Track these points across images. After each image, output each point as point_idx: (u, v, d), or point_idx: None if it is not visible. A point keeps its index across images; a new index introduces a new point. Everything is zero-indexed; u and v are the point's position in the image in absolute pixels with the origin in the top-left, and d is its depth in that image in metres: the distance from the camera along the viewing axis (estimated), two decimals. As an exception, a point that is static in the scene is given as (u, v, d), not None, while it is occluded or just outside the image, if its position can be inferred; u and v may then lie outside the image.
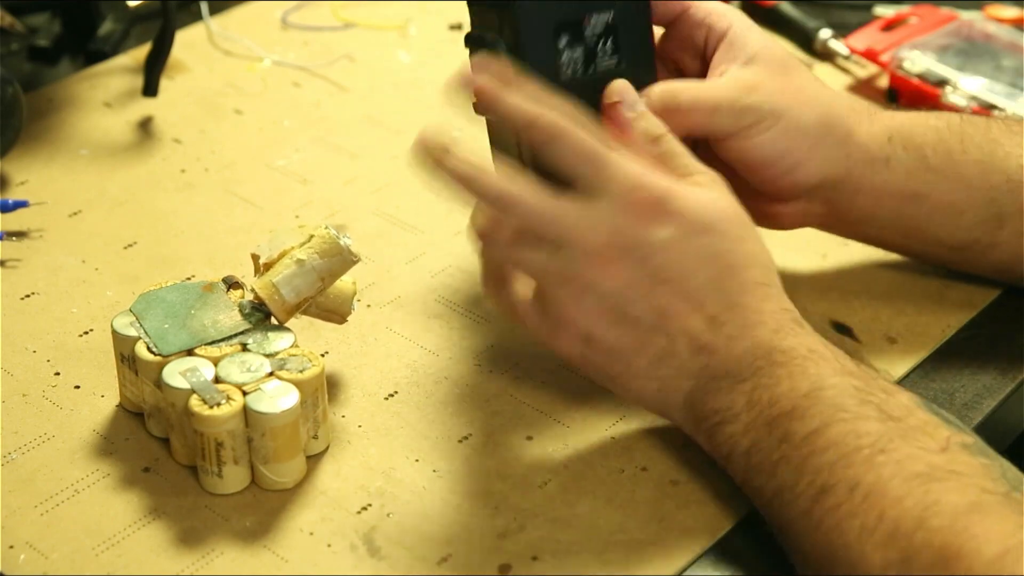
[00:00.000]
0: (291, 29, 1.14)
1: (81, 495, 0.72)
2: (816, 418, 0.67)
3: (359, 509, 0.72)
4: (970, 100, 1.00)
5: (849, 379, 0.69)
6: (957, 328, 0.84)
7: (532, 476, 0.73)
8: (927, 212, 0.82)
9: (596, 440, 0.76)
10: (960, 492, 0.62)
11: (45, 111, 1.03)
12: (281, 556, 0.69)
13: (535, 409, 0.78)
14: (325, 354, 0.81)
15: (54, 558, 0.69)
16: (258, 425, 0.70)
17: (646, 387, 0.73)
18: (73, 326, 0.83)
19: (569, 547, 0.70)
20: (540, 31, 0.76)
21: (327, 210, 0.93)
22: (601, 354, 0.72)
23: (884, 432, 0.65)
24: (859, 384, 0.68)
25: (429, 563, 0.69)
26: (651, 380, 0.72)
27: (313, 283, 0.75)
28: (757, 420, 0.69)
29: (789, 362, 0.69)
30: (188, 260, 0.88)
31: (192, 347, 0.73)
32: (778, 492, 0.67)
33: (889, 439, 0.65)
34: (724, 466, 0.71)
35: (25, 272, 0.87)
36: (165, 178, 0.96)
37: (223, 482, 0.71)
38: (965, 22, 1.09)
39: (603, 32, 0.78)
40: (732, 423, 0.70)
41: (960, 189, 0.81)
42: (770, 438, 0.68)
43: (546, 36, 0.76)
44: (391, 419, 0.77)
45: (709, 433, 0.71)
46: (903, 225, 0.83)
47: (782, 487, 0.67)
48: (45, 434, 0.76)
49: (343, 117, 1.03)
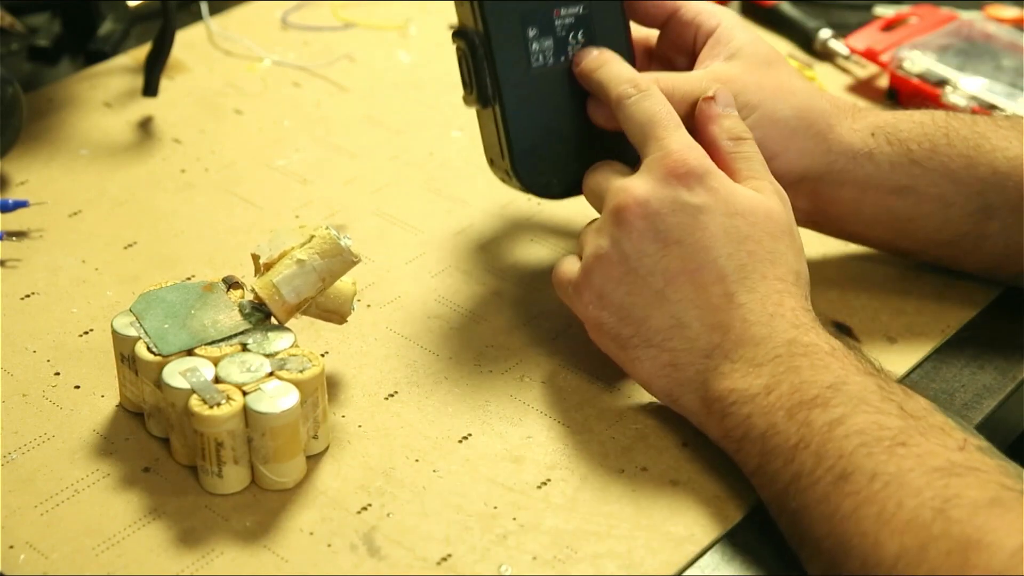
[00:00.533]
0: (291, 29, 1.14)
1: (81, 495, 0.72)
2: (839, 408, 0.67)
3: (359, 509, 0.72)
4: (970, 100, 1.00)
5: (870, 378, 0.69)
6: (957, 328, 0.84)
7: (532, 476, 0.74)
8: (914, 205, 0.82)
9: (596, 441, 0.76)
10: (980, 488, 0.62)
11: (45, 111, 1.03)
12: (281, 556, 0.69)
13: (535, 409, 0.78)
14: (325, 354, 0.81)
15: (54, 558, 0.69)
16: (258, 425, 0.70)
17: (657, 359, 0.73)
18: (73, 326, 0.83)
19: (569, 547, 0.70)
20: (508, 21, 0.80)
21: (327, 210, 0.93)
22: (612, 314, 0.74)
23: (905, 427, 0.66)
24: (881, 383, 0.69)
25: (429, 563, 0.69)
26: (662, 352, 0.73)
27: (313, 283, 0.75)
28: (776, 404, 0.69)
29: (811, 355, 0.70)
30: (188, 260, 0.88)
31: (192, 347, 0.73)
32: (795, 478, 0.67)
33: (909, 434, 0.65)
34: (734, 451, 0.71)
35: (25, 272, 0.87)
36: (165, 178, 0.96)
37: (223, 482, 0.71)
38: (965, 22, 1.09)
39: (575, 24, 0.81)
40: (748, 404, 0.70)
41: (946, 182, 0.81)
42: (790, 422, 0.68)
43: (514, 25, 0.80)
44: (391, 419, 0.77)
45: (721, 415, 0.71)
46: (891, 220, 0.83)
47: (800, 472, 0.67)
48: (45, 434, 0.76)
49: (343, 117, 1.03)
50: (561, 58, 0.81)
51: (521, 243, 0.90)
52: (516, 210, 0.93)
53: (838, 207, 0.83)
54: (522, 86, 0.80)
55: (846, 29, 1.12)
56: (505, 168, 0.82)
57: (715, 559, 0.70)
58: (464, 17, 0.81)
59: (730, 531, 0.71)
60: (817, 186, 0.82)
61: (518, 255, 0.89)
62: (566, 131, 0.82)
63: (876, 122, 0.83)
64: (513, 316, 0.84)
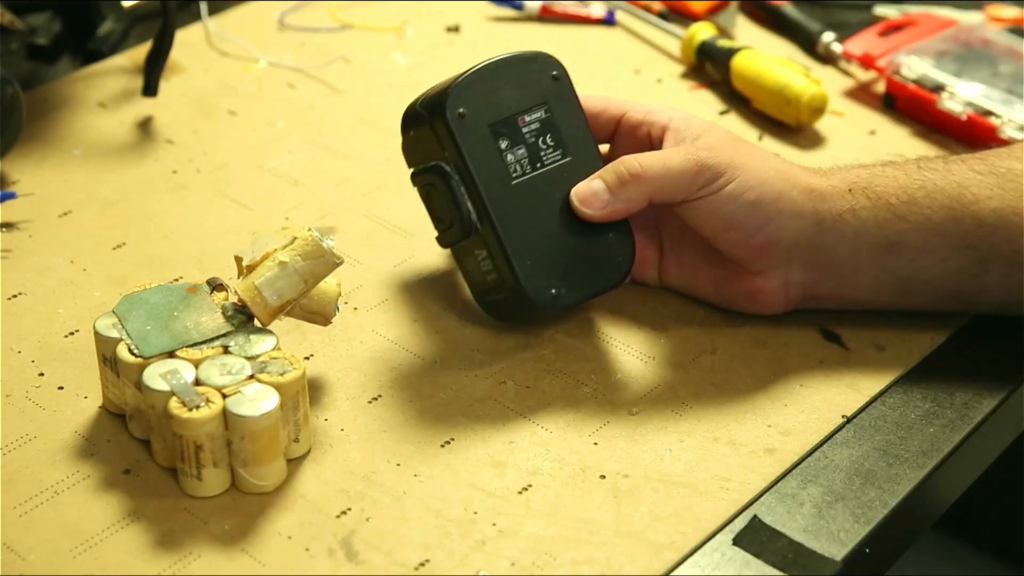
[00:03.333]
0: (288, 30, 1.14)
1: (61, 496, 0.72)
2: None
3: (339, 513, 0.71)
4: (966, 106, 1.00)
5: None
6: (946, 337, 0.83)
7: (513, 482, 0.73)
8: (908, 262, 0.81)
9: (578, 446, 0.75)
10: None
11: (40, 111, 1.03)
12: (259, 560, 0.69)
13: (518, 414, 0.77)
14: (310, 357, 0.81)
15: (31, 559, 0.69)
16: (237, 428, 0.70)
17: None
18: (59, 327, 0.83)
19: (547, 553, 0.69)
20: (478, 137, 0.79)
21: (318, 212, 0.93)
22: None
23: None
24: None
25: (407, 568, 0.69)
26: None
27: (296, 285, 0.75)
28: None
29: None
30: (177, 261, 0.88)
31: (174, 349, 0.73)
32: None
33: None
34: None
35: (13, 272, 0.87)
36: (157, 179, 0.96)
37: (202, 485, 0.71)
38: (963, 27, 1.08)
39: (540, 129, 0.81)
40: None
41: (933, 236, 0.80)
42: None
43: (485, 141, 0.79)
44: (374, 423, 0.77)
45: None
46: (891, 281, 0.81)
47: None
48: (27, 435, 0.75)
49: (337, 119, 1.03)
50: (537, 165, 0.80)
51: (511, 247, 0.90)
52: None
53: (834, 272, 0.81)
54: (507, 201, 0.79)
55: (847, 29, 1.11)
56: (507, 291, 0.80)
57: (715, 559, 0.70)
58: (424, 153, 0.81)
59: (714, 533, 0.71)
60: (810, 253, 0.81)
61: (507, 259, 0.89)
62: (557, 237, 0.80)
63: (849, 178, 0.82)
64: (499, 321, 0.84)
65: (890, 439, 0.77)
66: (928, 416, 0.78)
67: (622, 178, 0.80)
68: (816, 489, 0.74)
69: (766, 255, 0.80)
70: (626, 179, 0.80)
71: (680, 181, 0.79)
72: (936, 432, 0.77)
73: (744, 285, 0.82)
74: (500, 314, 0.82)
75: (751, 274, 0.82)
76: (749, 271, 0.82)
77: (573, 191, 0.81)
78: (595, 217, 0.80)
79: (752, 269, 0.81)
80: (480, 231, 0.79)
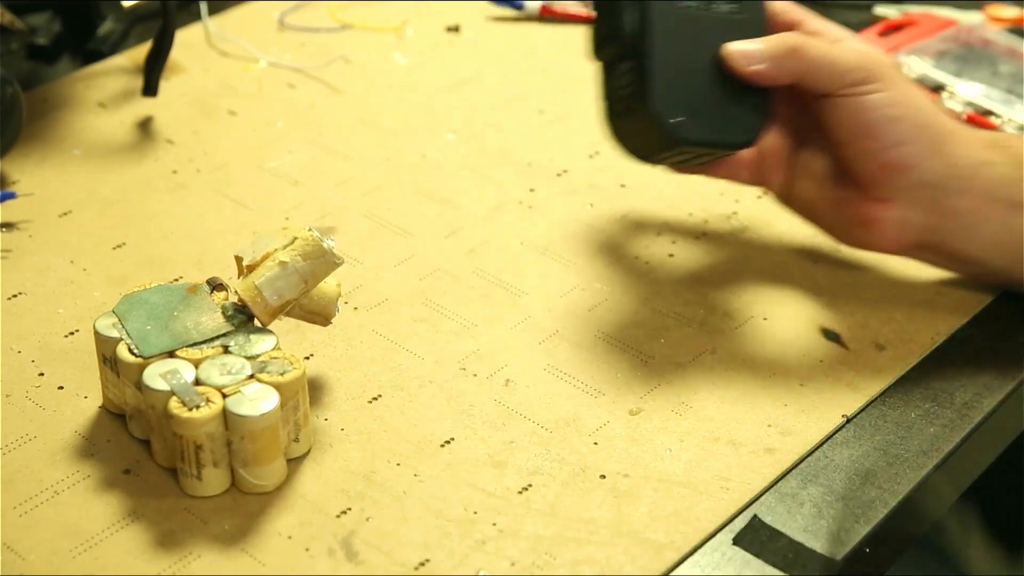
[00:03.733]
0: (288, 30, 1.14)
1: (61, 496, 0.72)
2: None
3: (338, 513, 0.71)
4: (966, 106, 1.00)
5: None
6: (947, 335, 0.83)
7: (513, 482, 0.73)
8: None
9: (579, 446, 0.75)
10: None
11: (40, 111, 1.03)
12: (259, 560, 0.69)
13: (518, 414, 0.77)
14: (310, 357, 0.81)
15: (31, 559, 0.69)
16: (237, 428, 0.70)
17: None
18: (59, 327, 0.83)
19: (547, 553, 0.69)
20: None
21: (318, 212, 0.93)
22: None
23: None
24: None
25: (407, 568, 0.69)
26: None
27: (296, 285, 0.75)
28: None
29: None
30: (177, 261, 0.88)
31: (174, 349, 0.73)
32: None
33: None
34: None
35: (13, 272, 0.87)
36: (157, 179, 0.96)
37: (202, 485, 0.71)
38: (963, 27, 1.08)
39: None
40: None
41: None
42: None
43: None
44: (373, 423, 0.77)
45: None
46: (1009, 241, 0.81)
47: None
48: (27, 435, 0.75)
49: (337, 119, 1.03)
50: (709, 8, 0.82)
51: (510, 247, 0.90)
52: (506, 214, 0.93)
53: (956, 223, 0.81)
54: (668, 19, 0.80)
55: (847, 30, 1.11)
56: (637, 107, 0.81)
57: (715, 559, 0.70)
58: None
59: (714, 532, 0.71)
60: (936, 194, 0.80)
61: (507, 259, 0.89)
62: (702, 75, 0.81)
63: (986, 134, 0.82)
64: (499, 320, 0.84)
65: (890, 439, 0.77)
66: (928, 416, 0.78)
67: (783, 47, 0.80)
68: (816, 489, 0.74)
69: (893, 178, 0.80)
70: (787, 50, 0.80)
71: (834, 70, 0.79)
72: (936, 432, 0.77)
73: (864, 210, 0.82)
74: (622, 137, 0.83)
75: (873, 200, 0.81)
76: (872, 196, 0.81)
77: (732, 44, 0.81)
78: (742, 71, 0.80)
79: (875, 193, 0.81)
80: (634, 39, 0.80)
